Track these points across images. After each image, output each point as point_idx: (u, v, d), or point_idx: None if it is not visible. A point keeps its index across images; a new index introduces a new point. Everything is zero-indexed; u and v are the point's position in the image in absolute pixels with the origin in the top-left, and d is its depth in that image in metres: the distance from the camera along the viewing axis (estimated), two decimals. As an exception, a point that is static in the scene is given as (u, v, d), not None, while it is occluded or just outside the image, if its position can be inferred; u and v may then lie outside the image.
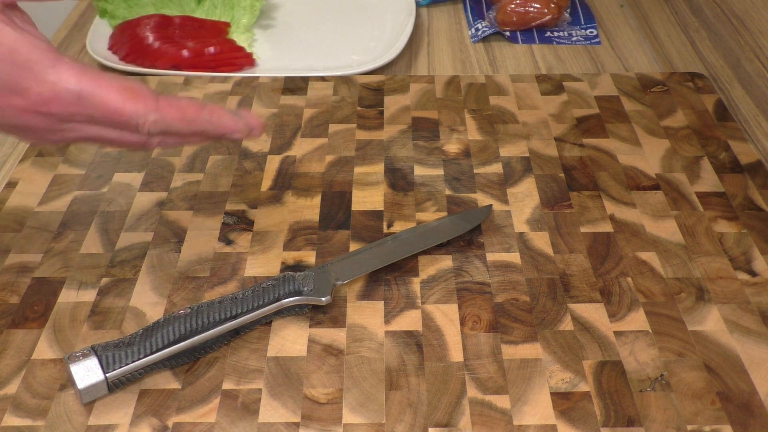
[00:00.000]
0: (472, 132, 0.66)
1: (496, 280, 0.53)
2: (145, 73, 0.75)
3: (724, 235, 0.56)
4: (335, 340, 0.49)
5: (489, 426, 0.44)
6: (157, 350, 0.45)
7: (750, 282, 0.53)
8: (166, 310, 0.51)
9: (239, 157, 0.64)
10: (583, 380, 0.46)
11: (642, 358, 0.48)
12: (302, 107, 0.70)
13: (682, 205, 0.59)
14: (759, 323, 0.50)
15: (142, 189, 0.61)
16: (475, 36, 0.84)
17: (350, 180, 0.61)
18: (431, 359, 0.48)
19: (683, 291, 0.52)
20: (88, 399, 0.45)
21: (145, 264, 0.54)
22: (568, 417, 0.44)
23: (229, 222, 0.58)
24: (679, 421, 0.44)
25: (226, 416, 0.45)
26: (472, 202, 0.59)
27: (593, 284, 0.52)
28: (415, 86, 0.72)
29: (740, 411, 0.45)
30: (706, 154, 0.64)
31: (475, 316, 0.50)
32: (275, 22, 0.86)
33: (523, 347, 0.48)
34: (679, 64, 0.78)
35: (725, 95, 0.73)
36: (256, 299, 0.48)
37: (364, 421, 0.44)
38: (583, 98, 0.71)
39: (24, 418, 0.45)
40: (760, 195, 0.60)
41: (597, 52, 0.81)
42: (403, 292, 0.52)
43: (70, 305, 0.51)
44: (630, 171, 0.62)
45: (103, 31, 0.81)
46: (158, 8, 0.82)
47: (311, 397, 0.46)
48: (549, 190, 0.60)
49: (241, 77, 0.74)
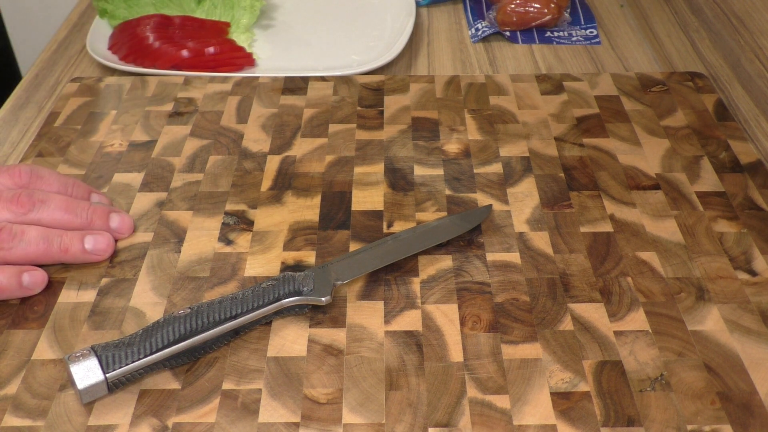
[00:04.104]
0: (472, 132, 0.66)
1: (496, 280, 0.53)
2: (145, 73, 0.75)
3: (724, 235, 0.56)
4: (335, 340, 0.49)
5: (489, 426, 0.44)
6: (157, 350, 0.45)
7: (750, 282, 0.53)
8: (166, 310, 0.51)
9: (239, 157, 0.64)
10: (583, 380, 0.46)
11: (642, 358, 0.48)
12: (302, 107, 0.70)
13: (682, 205, 0.59)
14: (759, 323, 0.50)
15: (142, 189, 0.61)
16: (475, 36, 0.84)
17: (350, 180, 0.61)
18: (431, 359, 0.48)
19: (683, 291, 0.52)
20: (88, 399, 0.45)
21: (145, 264, 0.54)
22: (568, 417, 0.44)
23: (229, 222, 0.58)
24: (679, 421, 0.44)
25: (226, 416, 0.45)
26: (472, 202, 0.59)
27: (593, 284, 0.52)
28: (415, 86, 0.72)
29: (740, 411, 0.45)
30: (706, 154, 0.64)
31: (475, 316, 0.50)
32: (275, 22, 0.86)
33: (523, 347, 0.48)
34: (679, 64, 0.78)
35: (725, 95, 0.73)
36: (256, 299, 0.48)
37: (364, 421, 0.44)
38: (583, 98, 0.71)
39: (24, 419, 0.45)
40: (760, 195, 0.60)
41: (597, 52, 0.81)
42: (403, 292, 0.52)
43: (70, 305, 0.51)
44: (630, 171, 0.62)
45: (103, 31, 0.81)
46: (158, 8, 0.82)
47: (311, 397, 0.46)
48: (549, 190, 0.60)
49: (241, 77, 0.74)
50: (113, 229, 0.55)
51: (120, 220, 0.55)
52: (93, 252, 0.53)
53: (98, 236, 0.54)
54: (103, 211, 0.55)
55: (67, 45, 0.83)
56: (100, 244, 0.54)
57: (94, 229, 0.54)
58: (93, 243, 0.53)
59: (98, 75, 0.77)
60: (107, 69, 0.78)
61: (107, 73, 0.77)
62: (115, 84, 0.73)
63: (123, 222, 0.56)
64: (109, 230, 0.55)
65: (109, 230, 0.55)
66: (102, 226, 0.55)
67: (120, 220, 0.55)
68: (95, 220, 0.54)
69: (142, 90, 0.72)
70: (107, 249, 0.54)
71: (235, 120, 0.68)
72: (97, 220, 0.55)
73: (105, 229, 0.55)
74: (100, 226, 0.55)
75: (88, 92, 0.72)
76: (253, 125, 0.67)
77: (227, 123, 0.68)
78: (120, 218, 0.55)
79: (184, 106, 0.70)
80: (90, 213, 0.54)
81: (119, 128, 0.67)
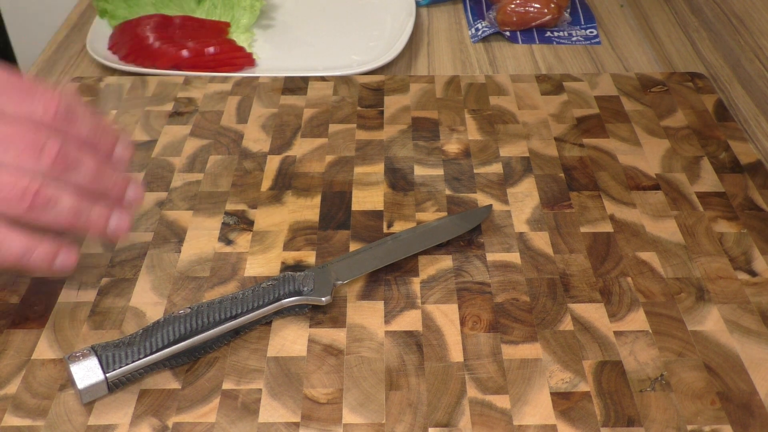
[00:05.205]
0: (472, 132, 0.66)
1: (496, 280, 0.53)
2: (145, 73, 0.75)
3: (724, 235, 0.56)
4: (335, 340, 0.49)
5: (489, 426, 0.44)
6: (157, 350, 0.45)
7: (750, 282, 0.53)
8: (166, 310, 0.51)
9: (239, 157, 0.64)
10: (583, 380, 0.46)
11: (642, 358, 0.48)
12: (302, 107, 0.70)
13: (682, 205, 0.59)
14: (759, 323, 0.50)
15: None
16: (475, 36, 0.84)
17: (350, 180, 0.61)
18: (431, 359, 0.48)
19: (683, 291, 0.52)
20: (88, 399, 0.45)
21: (145, 264, 0.54)
22: (568, 417, 0.44)
23: (229, 222, 0.58)
24: (679, 421, 0.44)
25: (226, 416, 0.45)
26: (472, 202, 0.59)
27: (593, 284, 0.52)
28: (415, 86, 0.72)
29: (740, 411, 0.45)
30: (706, 154, 0.64)
31: (475, 316, 0.50)
32: (275, 22, 0.86)
33: (523, 347, 0.48)
34: (679, 64, 0.78)
35: (725, 95, 0.73)
36: (256, 299, 0.48)
37: (364, 421, 0.44)
38: (583, 98, 0.71)
39: (24, 418, 0.45)
40: (760, 195, 0.60)
41: (597, 52, 0.81)
42: (403, 292, 0.52)
43: (70, 305, 0.51)
44: (630, 171, 0.62)
45: (103, 31, 0.81)
46: (158, 8, 0.82)
47: (311, 397, 0.46)
48: (549, 190, 0.60)
49: (241, 77, 0.74)
50: (128, 201, 0.52)
51: (134, 191, 0.52)
52: (114, 232, 0.51)
53: (123, 216, 0.51)
54: (124, 185, 0.52)
55: (67, 45, 0.83)
56: (123, 225, 0.51)
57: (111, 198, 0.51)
58: (117, 223, 0.51)
59: (98, 75, 0.77)
60: (107, 69, 0.78)
61: (107, 73, 0.77)
62: (115, 84, 0.73)
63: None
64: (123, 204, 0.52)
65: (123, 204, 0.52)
66: (118, 197, 0.52)
67: (134, 191, 0.52)
68: (114, 193, 0.51)
69: (142, 90, 0.72)
70: (127, 230, 0.51)
71: (235, 120, 0.68)
72: (117, 192, 0.51)
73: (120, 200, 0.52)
74: (117, 197, 0.52)
75: (88, 92, 0.72)
76: (253, 125, 0.67)
77: (227, 123, 0.68)
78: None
79: (184, 106, 0.70)
80: (112, 186, 0.51)
81: (119, 128, 0.67)
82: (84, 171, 0.49)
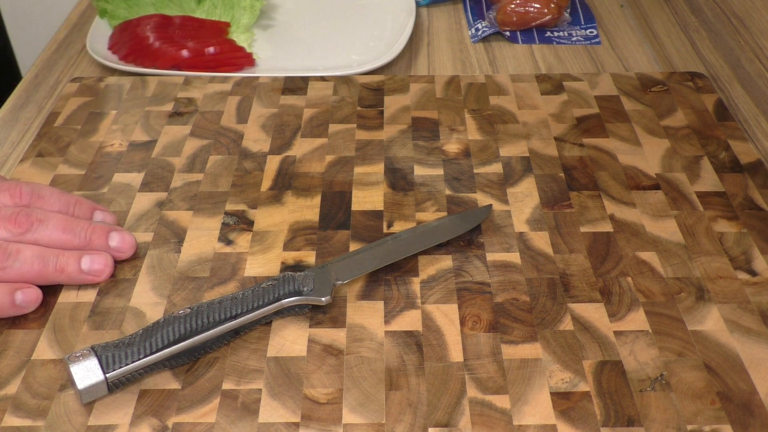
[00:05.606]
0: (472, 132, 0.66)
1: (496, 280, 0.53)
2: (145, 73, 0.75)
3: (724, 235, 0.56)
4: (335, 340, 0.49)
5: (489, 426, 0.44)
6: (157, 350, 0.45)
7: (750, 282, 0.53)
8: (166, 310, 0.51)
9: (239, 157, 0.64)
10: (583, 380, 0.46)
11: (642, 357, 0.48)
12: (302, 107, 0.70)
13: (682, 205, 0.59)
14: (759, 323, 0.50)
15: (142, 189, 0.61)
16: (475, 36, 0.84)
17: (350, 180, 0.61)
18: (431, 359, 0.48)
19: (683, 291, 0.52)
20: (88, 399, 0.45)
21: (145, 264, 0.54)
22: (568, 417, 0.44)
23: (229, 222, 0.58)
24: (679, 421, 0.44)
25: (226, 416, 0.45)
26: (472, 202, 0.59)
27: (593, 284, 0.52)
28: (415, 86, 0.72)
29: (740, 411, 0.45)
30: (706, 154, 0.64)
31: (475, 316, 0.50)
32: (275, 22, 0.86)
33: (523, 347, 0.48)
34: (679, 64, 0.78)
35: (725, 95, 0.73)
36: (256, 299, 0.48)
37: (364, 421, 0.44)
38: (583, 98, 0.71)
39: (24, 419, 0.45)
40: (760, 195, 0.60)
41: (597, 52, 0.81)
42: (403, 292, 0.52)
43: (70, 305, 0.51)
44: (630, 171, 0.62)
45: (103, 31, 0.81)
46: (158, 8, 0.82)
47: (311, 397, 0.46)
48: (549, 190, 0.60)
49: (241, 77, 0.74)
50: (113, 248, 0.53)
51: (120, 238, 0.54)
52: (90, 272, 0.52)
53: (95, 256, 0.52)
54: (103, 230, 0.53)
55: (67, 45, 0.83)
56: (97, 265, 0.52)
57: (94, 248, 0.53)
58: (90, 263, 0.52)
59: (98, 75, 0.77)
60: (107, 69, 0.78)
61: (107, 73, 0.77)
62: (115, 84, 0.73)
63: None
64: (108, 250, 0.53)
65: (109, 250, 0.53)
66: (101, 245, 0.53)
67: (120, 238, 0.54)
68: (94, 240, 0.53)
69: (142, 90, 0.72)
70: (104, 269, 0.52)
71: (235, 120, 0.68)
72: (96, 239, 0.53)
73: (104, 248, 0.53)
74: (100, 245, 0.53)
75: (88, 92, 0.72)
76: (253, 125, 0.67)
77: (227, 123, 0.68)
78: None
79: (184, 106, 0.70)
80: (89, 232, 0.53)
81: (119, 128, 0.67)
82: (51, 225, 0.52)
